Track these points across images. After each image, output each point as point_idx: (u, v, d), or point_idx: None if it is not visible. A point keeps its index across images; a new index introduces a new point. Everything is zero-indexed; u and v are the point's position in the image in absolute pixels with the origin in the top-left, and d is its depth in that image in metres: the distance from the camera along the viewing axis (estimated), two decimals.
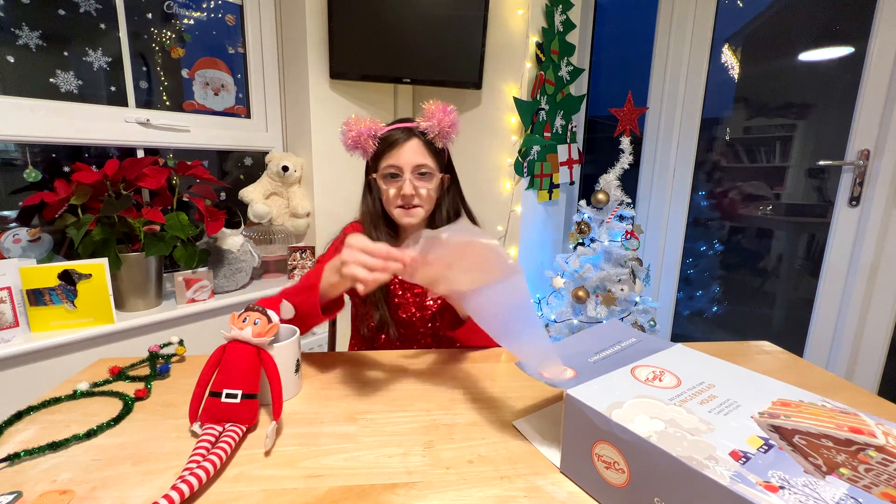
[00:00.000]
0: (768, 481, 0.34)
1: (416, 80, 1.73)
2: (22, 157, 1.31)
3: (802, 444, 0.38)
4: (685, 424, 0.41)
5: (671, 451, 0.37)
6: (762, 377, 0.51)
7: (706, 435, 0.39)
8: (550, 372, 0.51)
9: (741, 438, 0.39)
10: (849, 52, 1.60)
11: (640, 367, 0.53)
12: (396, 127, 0.88)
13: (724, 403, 0.45)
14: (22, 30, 1.24)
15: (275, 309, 0.66)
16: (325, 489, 0.45)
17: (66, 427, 0.55)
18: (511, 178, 1.75)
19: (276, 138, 1.78)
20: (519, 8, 1.65)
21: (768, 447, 0.38)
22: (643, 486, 0.40)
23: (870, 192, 1.49)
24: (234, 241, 1.47)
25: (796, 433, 0.40)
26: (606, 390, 0.47)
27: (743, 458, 0.36)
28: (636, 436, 0.40)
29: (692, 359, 0.56)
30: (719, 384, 0.49)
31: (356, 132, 0.86)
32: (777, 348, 0.85)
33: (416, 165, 0.86)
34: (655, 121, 1.98)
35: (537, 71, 1.71)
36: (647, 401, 0.45)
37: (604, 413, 0.43)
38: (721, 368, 0.53)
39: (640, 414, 0.43)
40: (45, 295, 1.09)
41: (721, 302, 2.17)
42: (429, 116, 0.86)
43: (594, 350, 0.57)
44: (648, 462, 0.39)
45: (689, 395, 0.46)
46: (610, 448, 0.42)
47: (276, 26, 1.72)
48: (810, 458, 0.37)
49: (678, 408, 0.44)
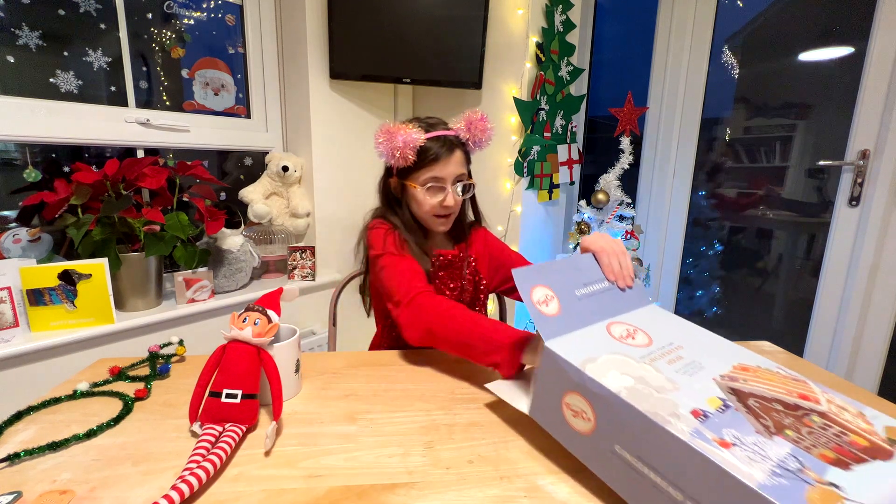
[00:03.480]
0: (723, 438, 0.37)
1: (416, 80, 1.73)
2: (22, 157, 1.31)
3: (756, 406, 0.42)
4: (653, 382, 0.44)
5: (639, 406, 0.41)
6: (727, 342, 0.55)
7: (671, 393, 0.43)
8: (538, 296, 0.54)
9: (702, 398, 0.42)
10: (849, 52, 1.60)
11: (615, 323, 0.56)
12: (437, 135, 0.88)
13: (690, 364, 0.48)
14: (22, 30, 1.24)
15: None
16: (325, 489, 0.45)
17: (66, 427, 0.55)
18: (511, 178, 1.75)
19: (276, 138, 1.78)
20: (519, 8, 1.65)
21: (725, 408, 0.42)
22: (606, 434, 0.44)
23: (870, 192, 1.49)
24: (234, 241, 1.46)
25: (751, 396, 0.43)
26: (582, 345, 0.50)
27: (702, 417, 0.40)
28: (608, 390, 0.43)
29: (664, 318, 0.60)
30: (687, 346, 0.52)
31: (401, 142, 0.84)
32: (777, 348, 0.85)
33: (458, 176, 0.89)
34: (655, 121, 1.98)
35: (537, 71, 1.71)
36: (619, 357, 0.49)
37: (578, 367, 0.46)
38: (690, 330, 0.57)
39: (613, 370, 0.46)
40: (45, 295, 1.09)
41: (721, 302, 2.17)
42: (472, 128, 0.89)
43: (582, 281, 0.60)
44: (615, 414, 0.43)
45: (658, 355, 0.50)
46: (580, 399, 0.46)
47: (276, 26, 1.72)
48: (761, 419, 0.40)
49: (648, 366, 0.47)
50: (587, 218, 1.70)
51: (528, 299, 0.53)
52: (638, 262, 1.66)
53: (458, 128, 0.90)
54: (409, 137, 0.84)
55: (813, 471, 0.35)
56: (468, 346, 0.68)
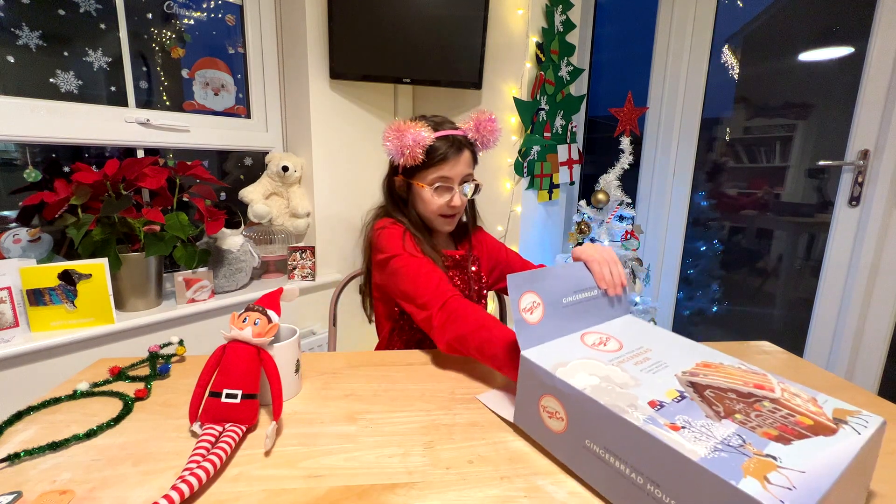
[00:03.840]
0: (674, 423, 0.40)
1: (416, 80, 1.73)
2: (22, 157, 1.31)
3: (711, 396, 0.45)
4: (617, 380, 0.48)
5: (600, 399, 0.44)
6: (696, 344, 0.57)
7: (633, 388, 0.46)
8: (526, 303, 0.57)
9: (661, 391, 0.45)
10: (849, 52, 1.60)
11: (589, 333, 0.59)
12: (447, 134, 0.88)
13: (656, 364, 0.51)
14: (22, 30, 1.24)
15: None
16: (325, 489, 0.45)
17: (66, 427, 0.55)
18: (511, 178, 1.75)
19: (276, 138, 1.78)
20: (519, 8, 1.65)
21: (682, 398, 0.44)
22: (577, 431, 0.47)
23: (870, 192, 1.49)
24: (234, 241, 1.46)
25: (708, 388, 0.46)
26: (555, 352, 0.54)
27: (658, 406, 0.43)
28: (574, 388, 0.46)
29: (637, 327, 0.62)
30: (655, 348, 0.55)
31: (411, 140, 0.84)
32: (777, 348, 0.85)
33: (465, 176, 0.90)
34: (655, 121, 1.98)
35: (537, 71, 1.71)
36: (589, 361, 0.52)
37: (549, 370, 0.49)
38: (661, 336, 0.59)
39: (581, 372, 0.49)
40: (45, 295, 1.09)
41: (721, 302, 2.17)
42: (481, 129, 0.89)
43: (572, 289, 0.62)
44: (583, 411, 0.46)
45: (626, 357, 0.53)
46: (553, 400, 0.49)
47: (276, 26, 1.72)
48: (714, 406, 0.43)
49: (615, 367, 0.50)
50: (587, 218, 1.69)
51: (516, 305, 0.56)
52: (638, 262, 1.65)
53: (466, 127, 0.90)
54: (419, 136, 0.84)
55: (754, 446, 0.37)
56: (499, 359, 0.66)
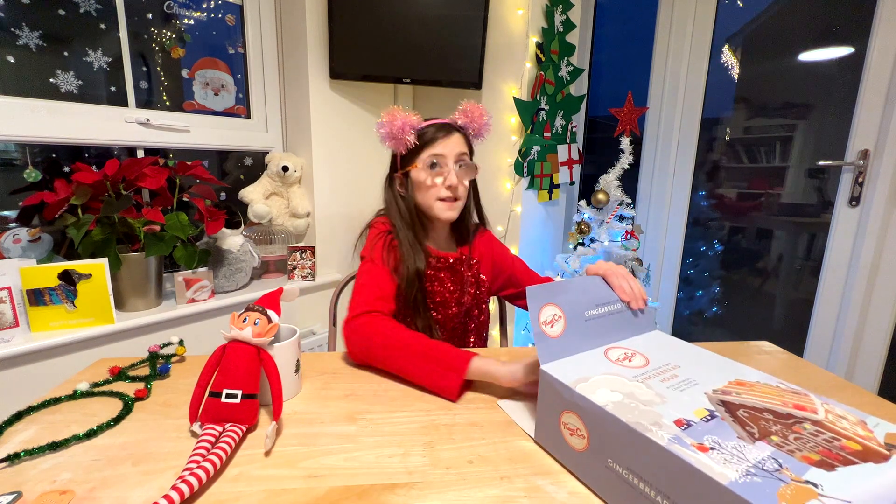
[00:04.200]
0: (702, 444, 0.37)
1: (416, 80, 1.73)
2: (22, 157, 1.31)
3: (744, 416, 0.42)
4: (641, 397, 0.45)
5: (622, 417, 0.41)
6: (730, 362, 0.54)
7: (658, 406, 0.43)
8: (546, 316, 0.55)
9: (689, 410, 0.42)
10: (849, 52, 1.60)
11: (613, 348, 0.56)
12: (435, 122, 0.90)
13: (684, 381, 0.48)
14: (22, 30, 1.24)
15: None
16: (325, 489, 0.45)
17: (66, 427, 0.55)
18: (511, 178, 1.75)
19: (276, 138, 1.78)
20: (519, 8, 1.65)
21: (711, 417, 0.41)
22: (599, 449, 0.44)
23: (870, 192, 1.49)
24: (234, 241, 1.46)
25: (742, 407, 0.43)
26: (577, 367, 0.51)
27: (685, 425, 0.40)
28: (595, 405, 0.44)
29: (666, 343, 0.59)
30: (684, 365, 0.52)
31: (401, 123, 0.85)
32: (777, 348, 0.85)
33: (460, 153, 0.89)
34: (655, 121, 1.98)
35: (537, 71, 1.71)
36: (612, 377, 0.49)
37: (569, 385, 0.47)
38: (692, 352, 0.56)
39: (603, 387, 0.47)
40: (45, 295, 1.09)
41: (721, 302, 2.17)
42: (468, 114, 0.90)
43: (594, 302, 0.60)
44: (604, 428, 0.43)
45: (653, 374, 0.50)
46: (573, 417, 0.47)
47: (276, 26, 1.72)
48: (747, 427, 0.40)
49: (639, 383, 0.47)
50: (587, 218, 1.69)
51: (536, 318, 0.54)
52: (638, 262, 1.65)
53: (453, 117, 0.92)
54: (409, 119, 0.86)
55: (791, 471, 0.34)
56: (406, 372, 0.68)
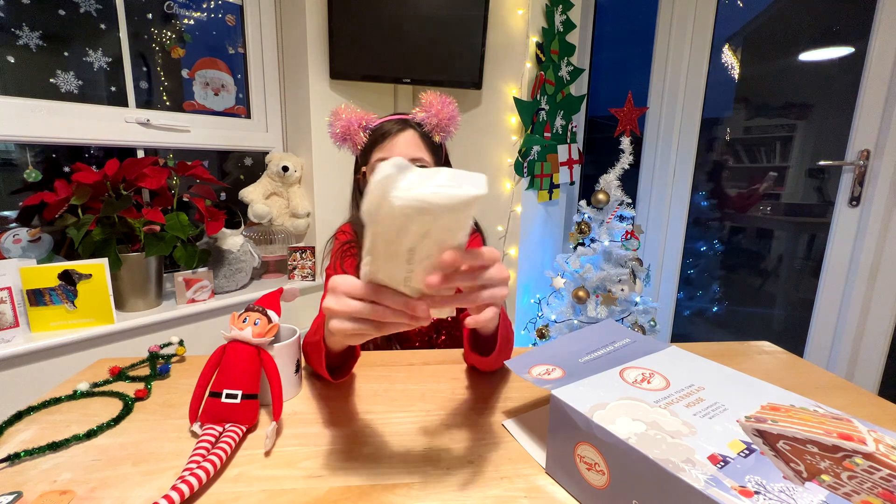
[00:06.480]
0: (744, 486, 0.33)
1: (416, 81, 1.73)
2: (22, 157, 1.31)
3: (786, 449, 0.37)
4: (667, 427, 0.40)
5: (648, 453, 0.37)
6: (756, 381, 0.49)
7: (687, 438, 0.39)
8: (538, 371, 0.51)
9: (722, 442, 0.38)
10: (849, 52, 1.60)
11: (629, 368, 0.51)
12: (390, 118, 0.82)
13: (712, 406, 0.44)
14: (22, 30, 1.24)
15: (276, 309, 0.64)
16: (325, 489, 0.45)
17: (66, 427, 0.55)
18: (511, 178, 1.75)
19: (276, 138, 1.78)
20: (519, 8, 1.65)
21: (749, 451, 0.37)
22: (622, 488, 0.39)
23: (870, 192, 1.49)
24: (234, 242, 1.47)
25: (781, 438, 0.39)
26: (592, 391, 0.46)
27: (721, 462, 0.36)
28: (615, 437, 0.39)
29: (685, 360, 0.54)
30: (709, 386, 0.47)
31: (345, 122, 0.79)
32: (777, 348, 0.85)
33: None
34: (655, 121, 1.98)
35: (537, 71, 1.71)
36: (632, 402, 0.44)
37: (585, 414, 0.42)
38: (714, 371, 0.51)
39: (623, 416, 0.42)
40: (45, 295, 1.09)
41: (721, 302, 2.17)
42: (426, 108, 0.81)
43: (586, 350, 0.56)
44: (627, 464, 0.39)
45: (676, 398, 0.45)
46: (591, 449, 0.42)
47: (276, 26, 1.72)
48: (792, 463, 0.36)
49: (663, 410, 0.43)
50: (587, 218, 1.69)
51: (528, 376, 0.50)
52: (638, 262, 1.65)
53: (413, 112, 0.84)
54: (355, 114, 0.79)
55: None
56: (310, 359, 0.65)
